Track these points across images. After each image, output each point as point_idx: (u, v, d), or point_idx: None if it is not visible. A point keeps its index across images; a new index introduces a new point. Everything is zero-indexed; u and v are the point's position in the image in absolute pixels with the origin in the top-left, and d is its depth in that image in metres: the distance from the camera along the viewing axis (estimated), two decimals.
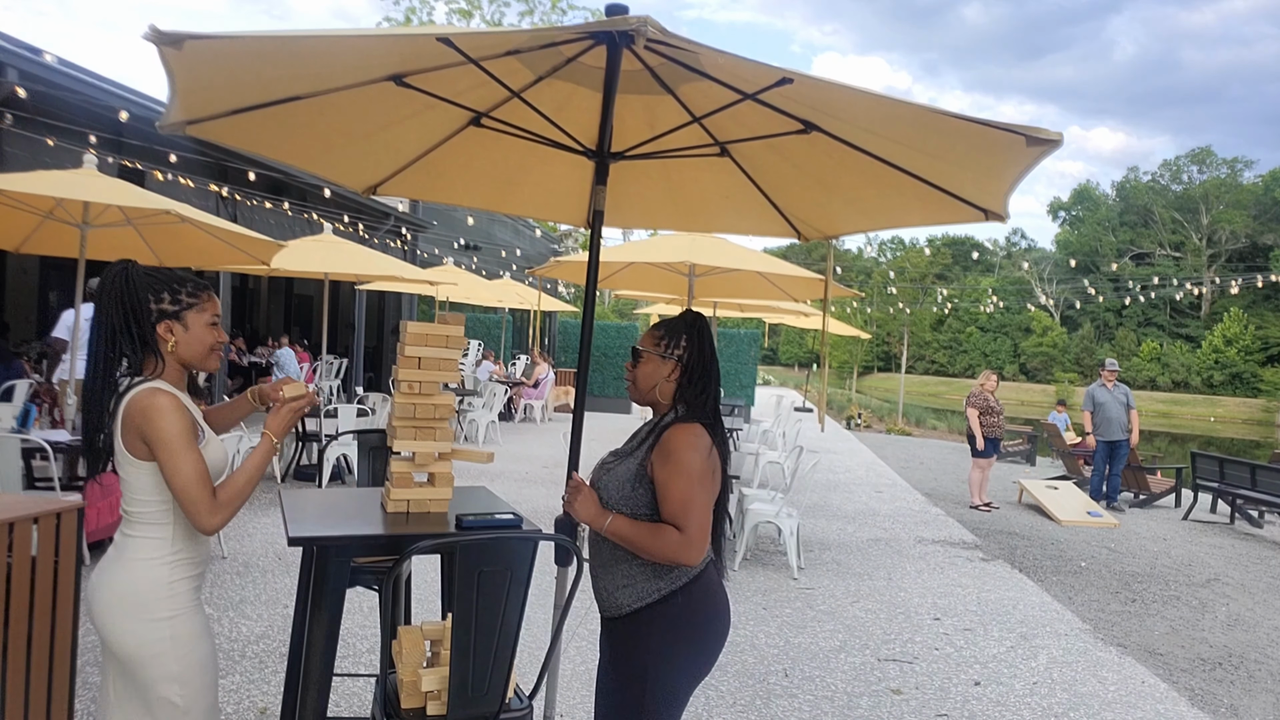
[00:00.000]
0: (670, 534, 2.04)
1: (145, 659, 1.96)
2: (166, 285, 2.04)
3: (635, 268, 7.64)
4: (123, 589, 1.97)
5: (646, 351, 2.26)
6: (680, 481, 2.05)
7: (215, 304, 2.12)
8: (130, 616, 1.95)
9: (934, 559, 7.19)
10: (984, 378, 9.95)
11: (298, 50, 2.15)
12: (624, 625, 2.13)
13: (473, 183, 3.37)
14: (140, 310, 2.00)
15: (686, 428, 2.11)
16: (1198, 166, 73.31)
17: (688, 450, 2.07)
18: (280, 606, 4.80)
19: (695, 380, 2.21)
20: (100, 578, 2.01)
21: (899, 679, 4.44)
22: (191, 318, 2.06)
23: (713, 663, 2.17)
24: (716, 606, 2.15)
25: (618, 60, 2.38)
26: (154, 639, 1.96)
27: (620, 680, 2.12)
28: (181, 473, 1.92)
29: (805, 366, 63.02)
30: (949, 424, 29.12)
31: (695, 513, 2.04)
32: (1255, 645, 5.53)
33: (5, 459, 4.81)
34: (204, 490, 1.93)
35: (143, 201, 5.56)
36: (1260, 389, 56.30)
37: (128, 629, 1.95)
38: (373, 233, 15.59)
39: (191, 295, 2.06)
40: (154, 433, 1.91)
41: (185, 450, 1.92)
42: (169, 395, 1.96)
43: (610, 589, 2.15)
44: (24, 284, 12.83)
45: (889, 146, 2.53)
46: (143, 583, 1.97)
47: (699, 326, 2.27)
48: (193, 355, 2.08)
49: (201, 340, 2.08)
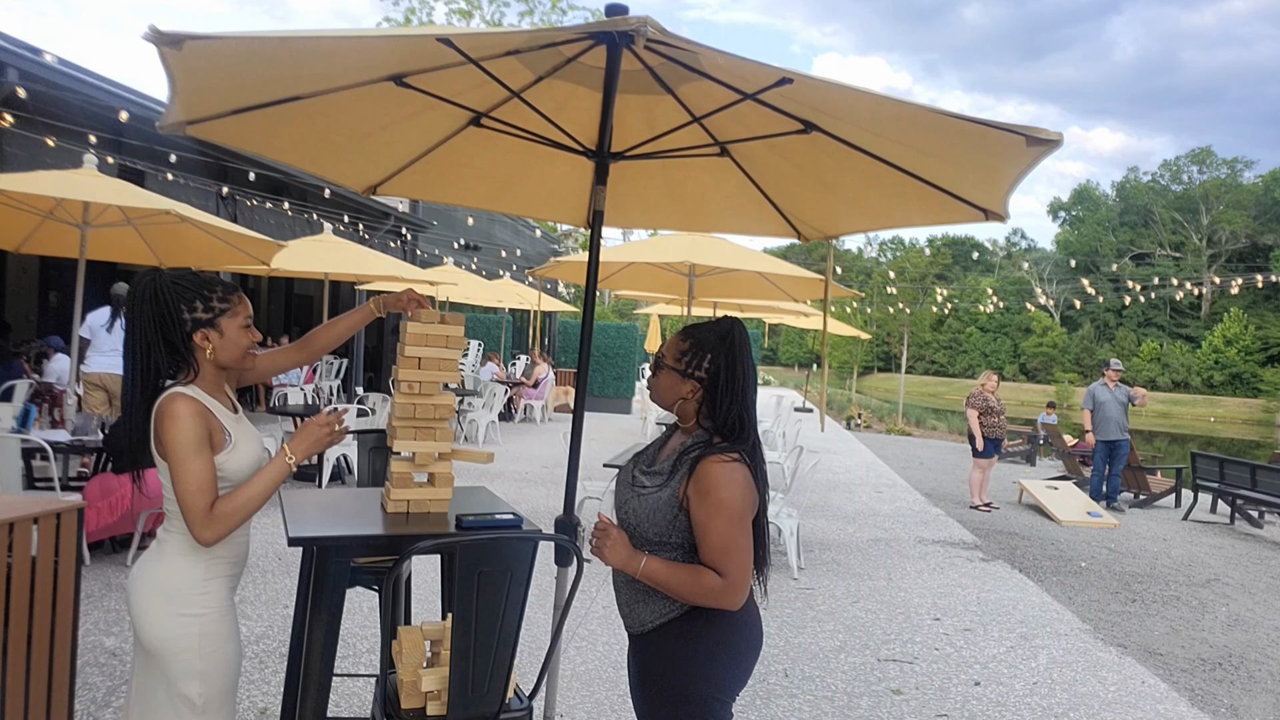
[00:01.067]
0: (710, 579, 1.93)
1: (172, 653, 1.99)
2: (198, 293, 2.05)
3: (635, 268, 7.64)
4: (158, 582, 2.02)
5: (666, 366, 2.11)
6: (720, 523, 1.93)
7: (247, 305, 2.14)
8: (163, 609, 2.00)
9: (934, 559, 7.19)
10: (984, 378, 9.95)
11: (298, 50, 2.15)
12: (650, 642, 2.04)
13: (473, 183, 3.37)
14: (174, 320, 2.02)
15: (725, 465, 1.96)
16: (1198, 167, 73.39)
17: (728, 487, 1.94)
18: (280, 606, 4.80)
19: (720, 404, 2.04)
20: (140, 570, 2.07)
21: (899, 679, 4.44)
22: (226, 323, 2.09)
23: (747, 675, 2.07)
24: (746, 617, 2.05)
25: (617, 60, 2.38)
26: (183, 634, 2.00)
27: (654, 702, 2.04)
28: (180, 480, 1.95)
29: (805, 367, 63.05)
30: (949, 424, 29.13)
31: (736, 555, 1.93)
32: (1255, 645, 5.52)
33: (5, 459, 4.81)
34: (201, 500, 1.95)
35: (143, 201, 5.57)
36: (1260, 389, 56.32)
37: (159, 621, 2.00)
38: (373, 233, 15.59)
39: (223, 300, 2.09)
40: (164, 436, 1.96)
41: (190, 458, 1.95)
42: (188, 401, 1.98)
43: (630, 602, 2.07)
44: (24, 284, 12.84)
45: (889, 146, 2.53)
46: (178, 577, 2.02)
47: (731, 341, 2.07)
48: (230, 359, 2.11)
49: (238, 344, 2.11)
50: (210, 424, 2.02)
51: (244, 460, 2.08)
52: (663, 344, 2.24)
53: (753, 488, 1.99)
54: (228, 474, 2.05)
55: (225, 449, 2.05)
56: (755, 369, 2.13)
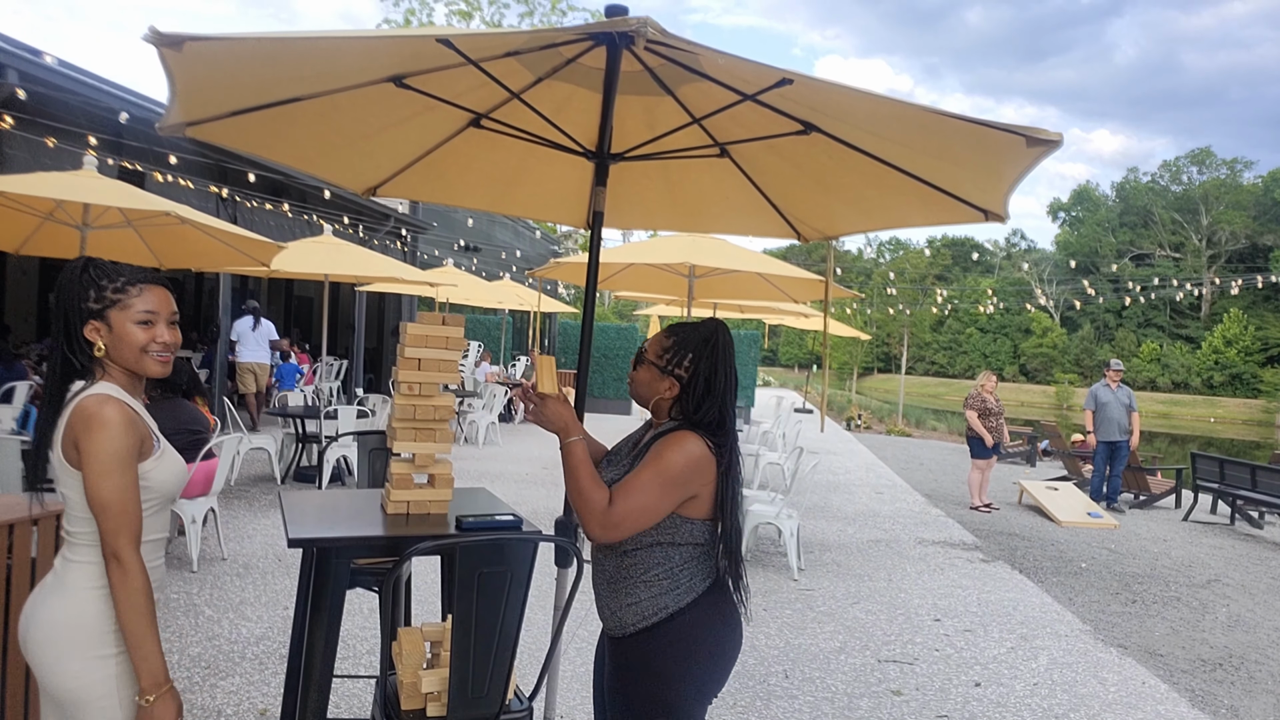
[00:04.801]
0: (601, 498, 1.96)
1: (86, 701, 1.72)
2: (95, 281, 1.82)
3: (635, 269, 7.64)
4: (62, 622, 1.73)
5: (647, 361, 2.13)
6: (646, 473, 1.97)
7: (149, 298, 1.85)
8: (70, 653, 1.72)
9: (934, 560, 7.19)
10: (983, 379, 9.95)
11: (297, 52, 2.15)
12: (630, 644, 2.06)
13: (473, 184, 3.37)
14: (74, 310, 1.81)
15: (684, 435, 2.01)
16: (1197, 167, 73.38)
17: (674, 451, 1.98)
18: (280, 608, 4.79)
19: (695, 402, 2.06)
20: (36, 608, 1.77)
21: (899, 680, 4.44)
22: (115, 316, 1.82)
23: (723, 680, 2.09)
24: (725, 624, 2.06)
25: (617, 61, 2.39)
26: (97, 679, 1.72)
27: (627, 699, 2.05)
28: (103, 498, 1.70)
29: (805, 367, 63.03)
30: (949, 425, 29.12)
31: (636, 501, 1.94)
32: (1255, 646, 5.52)
33: (5, 460, 4.81)
34: (123, 519, 1.72)
35: (143, 203, 5.56)
36: (1260, 390, 56.31)
37: (67, 668, 1.72)
38: (373, 234, 15.59)
39: (118, 291, 1.82)
40: (86, 444, 1.71)
41: (117, 473, 1.72)
42: (118, 406, 1.75)
43: (614, 608, 2.08)
44: (24, 286, 12.84)
45: (889, 147, 2.53)
46: (85, 615, 1.74)
47: (714, 343, 2.08)
48: (123, 358, 1.84)
49: (129, 342, 1.82)
50: (140, 431, 1.80)
51: (171, 469, 1.87)
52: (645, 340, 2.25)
53: (702, 469, 2.00)
54: (153, 483, 1.82)
55: (154, 455, 1.83)
56: (736, 373, 2.14)
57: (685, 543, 2.05)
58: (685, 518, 2.04)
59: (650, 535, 2.03)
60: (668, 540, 2.04)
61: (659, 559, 2.04)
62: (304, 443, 8.56)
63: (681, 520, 2.04)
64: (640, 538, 2.04)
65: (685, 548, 2.05)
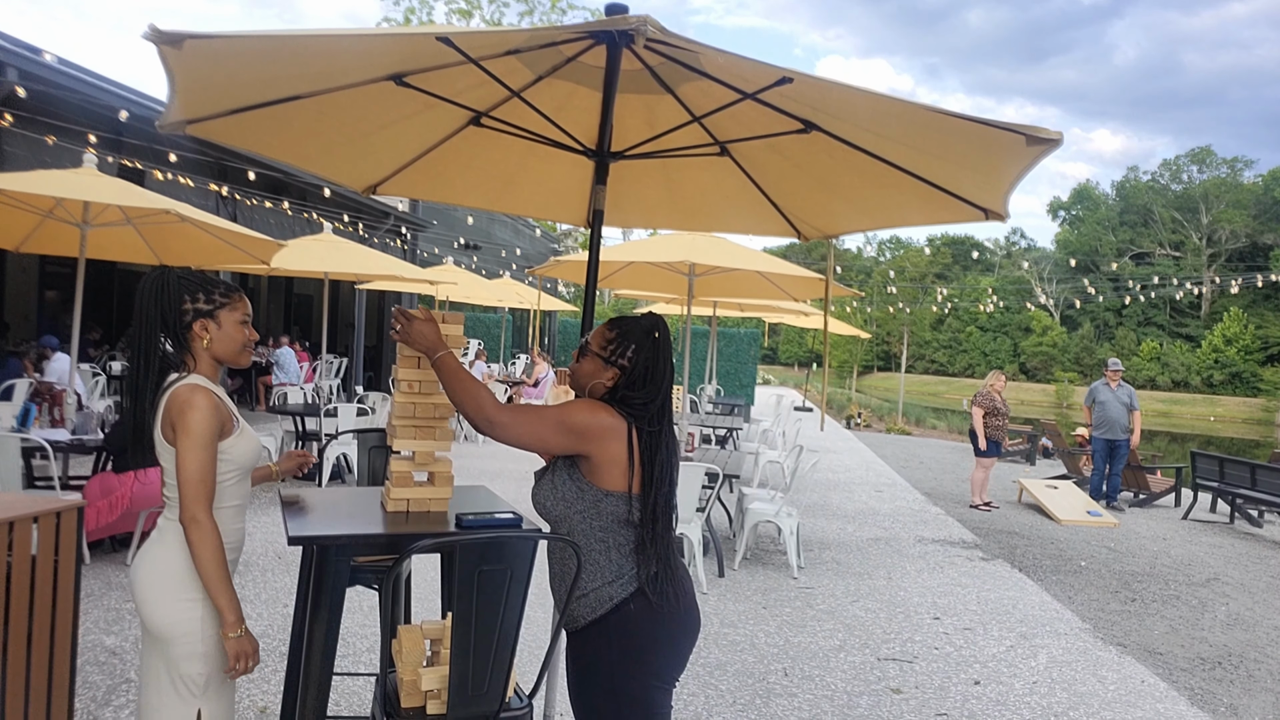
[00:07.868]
0: (490, 394, 2.06)
1: (175, 636, 2.09)
2: (201, 287, 2.20)
3: (635, 267, 7.64)
4: (161, 569, 2.11)
5: (591, 352, 2.18)
6: (550, 409, 2.05)
7: (246, 304, 2.27)
8: (165, 595, 2.10)
9: (934, 558, 7.19)
10: (992, 378, 9.94)
11: (297, 50, 2.15)
12: (587, 638, 2.08)
13: (473, 182, 3.37)
14: (176, 311, 2.16)
15: (594, 401, 2.12)
16: (1198, 166, 73.30)
17: (580, 406, 2.07)
18: (280, 606, 4.80)
19: (632, 391, 2.11)
20: (143, 557, 2.15)
21: (899, 678, 4.44)
22: (224, 316, 2.22)
23: (682, 663, 2.11)
24: (678, 607, 2.09)
25: (617, 60, 2.39)
26: (185, 618, 2.09)
27: (596, 697, 2.07)
28: (186, 467, 2.05)
29: (805, 366, 63.00)
30: (948, 423, 29.13)
31: (529, 416, 2.04)
32: (1255, 645, 5.53)
33: (5, 458, 4.81)
34: (201, 489, 2.07)
35: (143, 201, 5.56)
36: (1260, 388, 56.29)
37: (162, 605, 2.09)
38: (372, 232, 15.59)
39: (224, 295, 2.23)
40: (183, 424, 2.06)
41: (201, 448, 2.07)
42: (206, 394, 2.11)
43: (569, 604, 2.11)
44: (23, 283, 12.83)
45: (889, 146, 2.53)
46: (179, 563, 2.11)
47: (655, 337, 2.14)
48: (226, 352, 2.24)
49: (234, 338, 2.24)
50: (222, 414, 2.14)
51: (249, 445, 2.22)
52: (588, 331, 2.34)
53: (603, 432, 2.04)
54: (234, 456, 2.17)
55: (234, 433, 2.17)
56: (674, 367, 2.21)
57: (610, 517, 2.06)
58: (597, 488, 2.06)
59: (573, 505, 2.08)
60: (591, 511, 2.06)
61: (598, 544, 2.08)
62: (304, 440, 8.56)
63: (594, 490, 2.06)
64: (566, 509, 2.08)
65: (621, 531, 2.07)
